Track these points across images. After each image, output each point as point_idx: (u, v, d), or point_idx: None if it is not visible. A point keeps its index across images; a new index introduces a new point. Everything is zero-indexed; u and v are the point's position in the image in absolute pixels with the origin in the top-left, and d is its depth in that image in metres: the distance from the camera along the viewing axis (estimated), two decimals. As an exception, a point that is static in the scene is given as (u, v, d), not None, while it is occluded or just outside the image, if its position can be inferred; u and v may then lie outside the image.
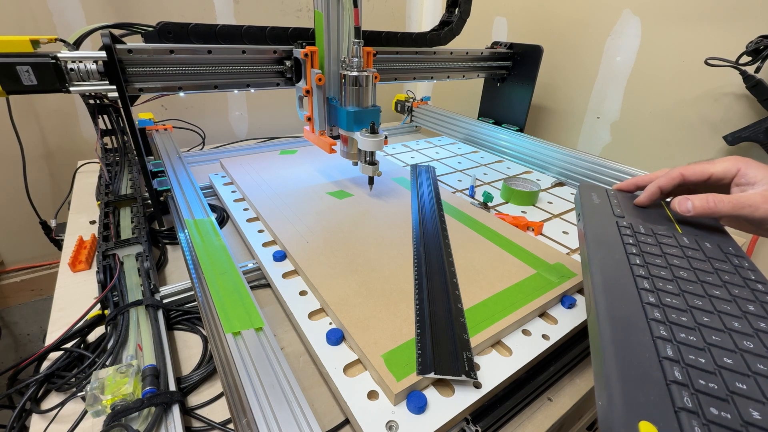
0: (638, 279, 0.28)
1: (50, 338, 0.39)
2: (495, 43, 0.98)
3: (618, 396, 0.20)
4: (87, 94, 0.72)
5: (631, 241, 0.32)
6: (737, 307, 0.26)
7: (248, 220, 0.58)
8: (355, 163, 0.63)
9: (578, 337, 0.42)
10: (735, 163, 0.34)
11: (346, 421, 0.33)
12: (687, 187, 0.38)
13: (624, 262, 0.30)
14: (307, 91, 0.59)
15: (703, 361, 0.22)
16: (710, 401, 0.20)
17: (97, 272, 0.45)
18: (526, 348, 0.38)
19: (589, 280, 0.29)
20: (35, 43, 0.55)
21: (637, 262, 0.30)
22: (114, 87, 0.50)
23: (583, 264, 0.32)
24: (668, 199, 0.41)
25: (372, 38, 0.71)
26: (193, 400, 0.35)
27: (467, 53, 0.89)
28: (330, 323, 0.39)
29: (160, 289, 0.45)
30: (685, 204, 0.34)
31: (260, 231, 0.55)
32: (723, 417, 0.19)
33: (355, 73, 0.55)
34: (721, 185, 0.36)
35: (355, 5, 0.53)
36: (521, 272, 0.46)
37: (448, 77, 0.88)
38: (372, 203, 0.62)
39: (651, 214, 0.37)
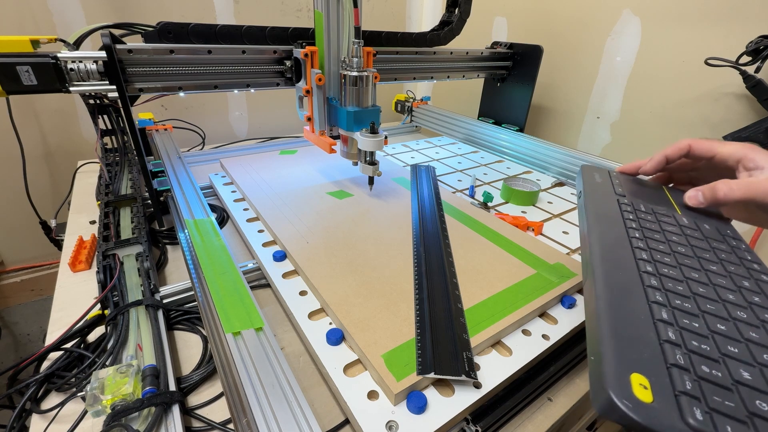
0: (636, 250, 0.29)
1: (50, 338, 0.39)
2: (495, 43, 0.98)
3: (610, 351, 0.20)
4: (87, 94, 0.72)
5: (631, 217, 0.33)
6: (732, 282, 0.27)
7: (248, 220, 0.58)
8: (355, 163, 0.63)
9: (578, 337, 0.42)
10: (741, 148, 0.34)
11: (346, 421, 0.33)
12: (691, 160, 0.37)
13: (623, 235, 0.30)
14: (307, 91, 0.59)
15: (697, 325, 0.23)
16: (702, 360, 0.20)
17: (97, 272, 0.45)
18: (526, 348, 0.38)
19: (588, 250, 0.29)
20: (35, 43, 0.55)
21: (636, 236, 0.30)
22: (114, 87, 0.50)
23: (582, 237, 0.32)
24: (670, 185, 0.41)
25: (372, 38, 0.71)
26: (193, 400, 0.35)
27: (467, 53, 0.89)
28: (330, 323, 0.39)
29: (160, 289, 0.45)
30: (696, 196, 0.34)
31: (260, 231, 0.55)
32: (714, 375, 0.19)
33: (355, 73, 0.55)
34: (724, 167, 0.35)
35: (355, 5, 0.53)
36: (521, 272, 0.46)
37: (448, 77, 0.88)
38: (372, 203, 0.61)
39: (652, 196, 0.38)
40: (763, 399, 0.19)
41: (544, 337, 0.39)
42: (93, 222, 0.63)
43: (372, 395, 0.33)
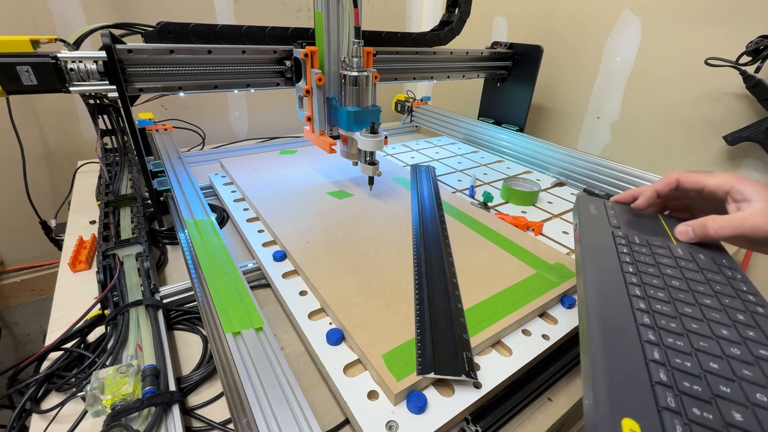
0: (630, 286, 0.29)
1: (50, 338, 0.39)
2: (495, 43, 0.98)
3: (603, 394, 0.20)
4: (87, 94, 0.72)
5: (625, 251, 0.33)
6: (727, 316, 0.27)
7: (248, 220, 0.58)
8: (355, 163, 0.63)
9: (578, 337, 0.41)
10: (729, 180, 0.35)
11: (346, 421, 0.33)
12: (681, 193, 0.38)
13: (617, 270, 0.31)
14: (307, 91, 0.59)
15: (689, 365, 0.23)
16: (693, 402, 0.20)
17: (97, 272, 0.45)
18: (526, 348, 0.38)
19: (582, 286, 0.29)
20: (35, 43, 0.55)
21: (630, 270, 0.31)
22: (114, 87, 0.50)
23: (578, 269, 0.33)
24: (665, 213, 0.42)
25: (372, 38, 0.71)
26: (193, 400, 0.35)
27: (467, 53, 0.89)
28: (330, 323, 0.39)
29: (160, 289, 0.45)
30: (686, 231, 0.35)
31: (260, 231, 0.55)
32: (705, 417, 0.19)
33: (355, 73, 0.55)
34: (713, 198, 0.36)
35: (355, 5, 0.53)
36: (521, 272, 0.46)
37: (448, 77, 0.88)
38: (372, 203, 0.62)
39: (647, 226, 0.38)
40: None
41: (544, 337, 0.39)
42: (93, 222, 0.63)
43: (372, 395, 0.33)
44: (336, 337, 0.37)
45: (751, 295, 0.29)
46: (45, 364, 0.37)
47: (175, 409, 0.31)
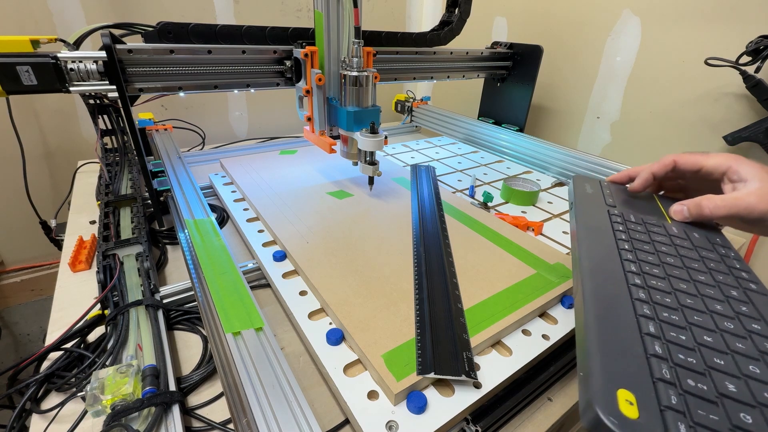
0: (626, 263, 0.29)
1: (50, 338, 0.39)
2: (495, 43, 0.98)
3: (597, 367, 0.20)
4: (87, 94, 0.72)
5: (620, 228, 0.33)
6: (720, 292, 0.27)
7: (248, 220, 0.58)
8: (355, 163, 0.63)
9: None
10: (726, 160, 0.35)
11: (346, 421, 0.33)
12: (678, 174, 0.38)
13: (613, 247, 0.31)
14: (307, 91, 0.59)
15: (683, 338, 0.23)
16: (688, 374, 0.20)
17: (97, 272, 0.45)
18: (526, 348, 0.37)
19: (578, 264, 0.29)
20: (35, 43, 0.55)
21: (626, 247, 0.31)
22: (114, 87, 0.50)
23: (573, 250, 0.33)
24: (660, 192, 0.42)
25: (372, 38, 0.71)
26: (193, 400, 0.35)
27: (467, 53, 0.89)
28: (330, 323, 0.39)
29: (160, 289, 0.45)
30: (681, 211, 0.35)
31: (260, 231, 0.55)
32: (699, 388, 0.20)
33: (355, 73, 0.55)
34: (710, 179, 0.36)
35: (355, 5, 0.53)
36: (521, 272, 0.46)
37: (448, 77, 0.88)
38: (372, 203, 0.61)
39: (642, 205, 0.38)
40: (747, 411, 0.19)
41: (544, 337, 0.39)
42: (93, 222, 0.63)
43: (372, 395, 0.33)
44: (336, 337, 0.37)
45: (744, 272, 0.30)
46: (45, 364, 0.37)
47: (175, 409, 0.31)
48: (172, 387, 0.33)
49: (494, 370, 0.35)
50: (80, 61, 0.48)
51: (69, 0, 0.84)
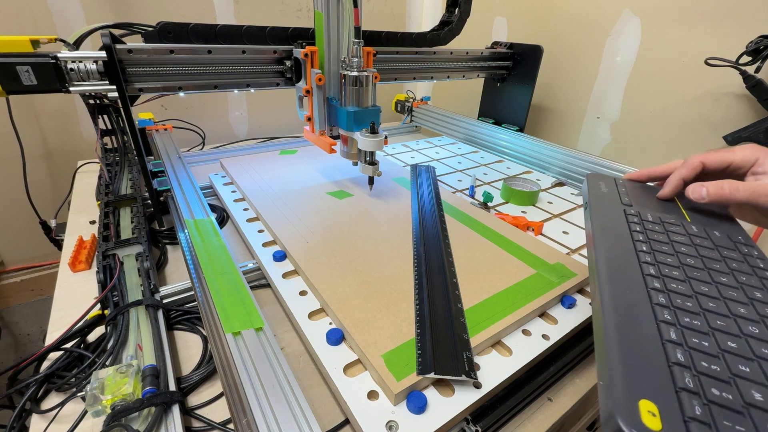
0: (644, 265, 0.28)
1: (50, 338, 0.39)
2: (495, 43, 0.98)
3: (619, 376, 0.20)
4: (87, 94, 0.72)
5: (638, 229, 0.32)
6: (744, 294, 0.26)
7: (248, 220, 0.58)
8: (355, 163, 0.63)
9: (578, 336, 0.42)
10: (754, 152, 0.34)
11: (346, 421, 0.33)
12: (706, 174, 0.37)
13: (630, 249, 0.30)
14: (307, 91, 0.59)
15: (706, 344, 0.22)
16: (712, 383, 0.20)
17: (97, 272, 0.45)
18: (526, 348, 0.37)
19: (595, 267, 0.29)
20: (35, 43, 0.55)
21: (644, 249, 0.30)
22: (114, 87, 0.50)
23: (589, 252, 0.32)
24: None
25: (372, 38, 0.71)
26: (193, 400, 0.35)
27: (467, 53, 0.89)
28: (330, 323, 0.39)
29: (160, 289, 0.45)
30: (699, 191, 0.34)
31: (260, 231, 0.55)
32: (724, 398, 0.19)
33: (355, 73, 0.55)
34: (738, 174, 0.35)
35: (355, 5, 0.53)
36: (521, 272, 0.46)
37: (448, 77, 0.88)
38: (372, 203, 0.61)
39: (660, 203, 0.37)
40: None
41: (544, 337, 0.39)
42: (93, 222, 0.63)
43: (372, 395, 0.32)
44: (336, 337, 0.37)
45: None
46: (45, 364, 0.37)
47: (175, 409, 0.31)
48: (172, 387, 0.33)
49: (494, 370, 0.35)
50: (80, 61, 0.48)
51: (69, 0, 0.84)
